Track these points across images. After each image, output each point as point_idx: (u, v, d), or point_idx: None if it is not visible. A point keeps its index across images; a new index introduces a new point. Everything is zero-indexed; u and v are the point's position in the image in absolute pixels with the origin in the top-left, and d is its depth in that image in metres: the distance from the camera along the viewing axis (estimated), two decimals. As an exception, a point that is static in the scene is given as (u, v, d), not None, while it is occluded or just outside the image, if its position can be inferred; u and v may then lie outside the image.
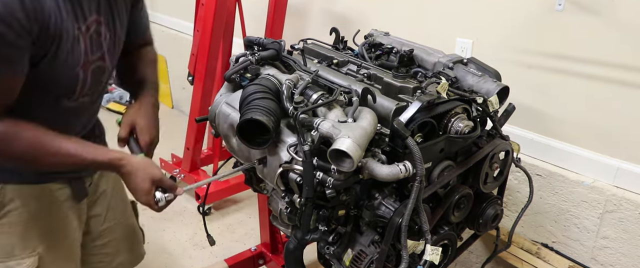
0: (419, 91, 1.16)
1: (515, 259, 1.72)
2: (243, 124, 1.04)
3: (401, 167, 1.00)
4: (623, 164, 1.54)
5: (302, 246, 1.15)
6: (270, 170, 1.14)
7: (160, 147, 1.32)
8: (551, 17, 1.60)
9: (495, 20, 1.78)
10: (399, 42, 1.49)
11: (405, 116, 1.05)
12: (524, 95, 1.74)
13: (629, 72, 1.46)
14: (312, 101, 1.10)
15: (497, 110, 1.27)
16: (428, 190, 1.13)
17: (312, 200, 1.04)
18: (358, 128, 0.98)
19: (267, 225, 2.06)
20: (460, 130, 1.13)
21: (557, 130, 1.70)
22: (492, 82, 1.29)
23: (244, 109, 1.07)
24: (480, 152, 1.23)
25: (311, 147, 1.00)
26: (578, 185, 1.63)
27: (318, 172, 1.02)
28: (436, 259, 1.09)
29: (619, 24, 1.45)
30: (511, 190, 1.83)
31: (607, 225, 1.59)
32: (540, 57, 1.68)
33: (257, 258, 2.14)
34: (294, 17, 2.68)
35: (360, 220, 1.16)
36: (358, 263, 1.14)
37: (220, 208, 2.83)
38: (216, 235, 1.78)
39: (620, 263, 1.59)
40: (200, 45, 2.60)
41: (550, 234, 1.76)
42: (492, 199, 1.34)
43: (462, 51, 1.89)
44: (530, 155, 1.77)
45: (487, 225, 1.34)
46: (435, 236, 1.20)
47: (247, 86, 1.15)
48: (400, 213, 1.06)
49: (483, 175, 1.27)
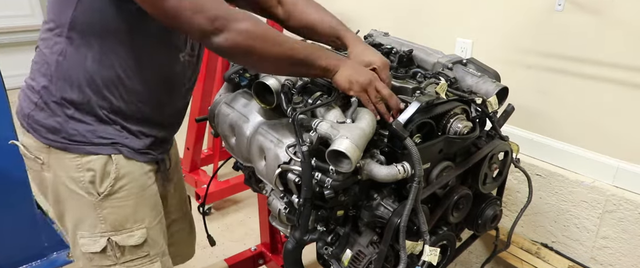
0: (418, 92, 1.16)
1: (515, 259, 1.72)
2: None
3: (400, 168, 1.01)
4: (623, 164, 1.54)
5: (300, 246, 1.15)
6: (269, 171, 1.14)
7: (159, 148, 1.31)
8: (551, 17, 1.60)
9: (495, 20, 1.78)
10: (398, 42, 1.49)
11: (404, 117, 1.05)
12: (523, 96, 1.74)
13: (629, 72, 1.46)
14: (311, 102, 1.10)
15: (496, 111, 1.27)
16: (427, 190, 1.13)
17: (311, 200, 1.04)
18: (356, 129, 0.98)
19: (267, 225, 2.07)
20: (459, 130, 1.13)
21: (556, 130, 1.70)
22: (491, 83, 1.29)
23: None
24: (480, 153, 1.23)
25: (310, 147, 1.00)
26: (578, 185, 1.63)
27: (317, 173, 1.02)
28: (435, 260, 1.09)
29: (619, 24, 1.45)
30: (511, 190, 1.83)
31: (606, 225, 1.59)
32: (540, 57, 1.68)
33: (257, 258, 2.14)
34: (294, 17, 2.68)
35: (358, 221, 1.16)
36: (357, 264, 1.14)
37: (220, 208, 2.83)
38: (216, 235, 1.78)
39: (620, 263, 1.59)
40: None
41: (550, 234, 1.76)
42: (492, 200, 1.34)
43: (462, 51, 1.89)
44: (529, 155, 1.77)
45: (487, 226, 1.34)
46: (434, 236, 1.20)
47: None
48: (399, 213, 1.06)
49: (482, 175, 1.27)
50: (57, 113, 1.06)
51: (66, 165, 1.09)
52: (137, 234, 1.17)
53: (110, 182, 1.11)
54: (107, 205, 1.12)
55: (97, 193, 1.11)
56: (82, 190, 1.10)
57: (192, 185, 2.81)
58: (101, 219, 1.13)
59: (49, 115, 1.06)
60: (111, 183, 1.11)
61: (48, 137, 1.07)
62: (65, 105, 1.05)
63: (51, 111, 1.06)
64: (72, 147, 1.07)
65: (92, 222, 1.13)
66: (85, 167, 1.09)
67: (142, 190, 1.17)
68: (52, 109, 1.06)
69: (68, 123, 1.06)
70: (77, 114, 1.06)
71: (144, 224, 1.18)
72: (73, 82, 1.04)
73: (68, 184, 1.10)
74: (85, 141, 1.08)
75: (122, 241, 1.15)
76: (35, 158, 1.12)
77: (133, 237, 1.17)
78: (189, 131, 2.78)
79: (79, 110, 1.06)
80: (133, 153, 1.14)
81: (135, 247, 1.18)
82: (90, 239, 1.14)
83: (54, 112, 1.06)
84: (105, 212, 1.13)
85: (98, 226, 1.13)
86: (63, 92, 1.05)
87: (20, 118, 1.12)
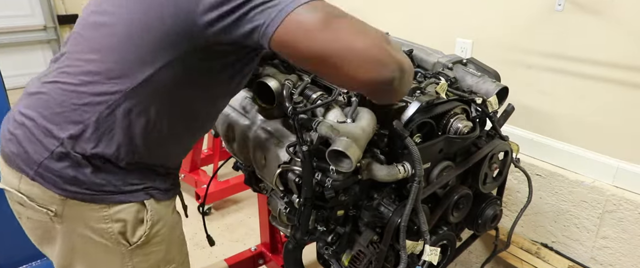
0: (418, 91, 1.16)
1: (515, 259, 1.72)
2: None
3: (400, 168, 1.01)
4: (622, 164, 1.54)
5: (301, 246, 1.15)
6: (269, 171, 1.14)
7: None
8: (551, 17, 1.60)
9: (495, 20, 1.78)
10: (398, 42, 1.49)
11: (404, 116, 1.05)
12: (523, 96, 1.74)
13: (628, 72, 1.46)
14: (311, 101, 1.10)
15: (496, 111, 1.27)
16: (427, 190, 1.13)
17: (311, 200, 1.04)
18: (357, 128, 0.98)
19: (267, 225, 2.07)
20: (459, 130, 1.13)
21: (556, 130, 1.70)
22: (491, 83, 1.29)
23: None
24: (480, 153, 1.23)
25: (310, 147, 1.00)
26: (578, 185, 1.63)
27: (317, 173, 1.02)
28: (435, 259, 1.09)
29: (619, 24, 1.45)
30: (511, 190, 1.83)
31: (606, 225, 1.59)
32: (540, 57, 1.68)
33: (257, 258, 2.14)
34: (294, 17, 2.68)
35: (359, 221, 1.16)
36: (357, 264, 1.14)
37: (220, 208, 2.83)
38: (216, 235, 1.78)
39: (620, 263, 1.59)
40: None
41: (550, 234, 1.76)
42: (492, 199, 1.34)
43: (462, 51, 1.89)
44: (529, 155, 1.77)
45: (487, 226, 1.34)
46: (434, 236, 1.20)
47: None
48: (399, 213, 1.06)
49: (482, 175, 1.27)
50: (82, 165, 0.91)
51: (87, 217, 0.95)
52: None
53: (144, 231, 0.98)
54: (138, 253, 1.00)
55: (128, 243, 0.98)
56: (108, 241, 0.97)
57: (192, 185, 2.81)
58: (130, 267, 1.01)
59: (71, 166, 0.91)
60: (146, 233, 0.99)
61: (66, 188, 0.92)
62: (94, 158, 0.92)
63: (74, 163, 0.91)
64: (99, 198, 0.94)
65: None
66: (113, 217, 0.95)
67: (173, 230, 1.07)
68: (77, 160, 0.91)
69: (95, 175, 0.92)
70: (107, 166, 0.93)
71: (173, 264, 1.09)
72: (112, 139, 0.91)
73: (90, 235, 0.96)
74: (115, 190, 0.94)
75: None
76: (44, 211, 0.95)
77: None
78: (189, 131, 2.78)
79: (108, 162, 0.93)
80: (162, 194, 1.02)
81: None
82: None
83: (79, 164, 0.91)
84: (135, 260, 1.00)
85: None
86: (97, 147, 0.91)
87: (21, 162, 0.94)
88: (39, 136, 0.92)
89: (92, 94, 0.89)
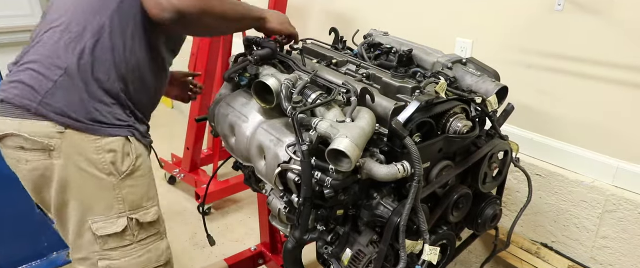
0: (418, 91, 1.16)
1: (514, 259, 1.72)
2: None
3: (399, 167, 1.01)
4: (622, 164, 1.54)
5: (300, 246, 1.15)
6: (269, 170, 1.14)
7: (160, 147, 1.33)
8: (551, 17, 1.60)
9: (495, 20, 1.78)
10: (398, 42, 1.49)
11: (404, 116, 1.05)
12: (523, 95, 1.74)
13: (628, 72, 1.46)
14: (311, 101, 1.10)
15: (496, 110, 1.27)
16: (427, 190, 1.13)
17: (311, 200, 1.04)
18: (356, 128, 0.98)
19: (267, 225, 2.07)
20: (459, 130, 1.13)
21: (556, 130, 1.70)
22: (491, 82, 1.29)
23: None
24: (479, 152, 1.23)
25: (310, 147, 1.00)
26: (578, 185, 1.63)
27: (316, 172, 1.02)
28: (435, 259, 1.09)
29: (619, 24, 1.45)
30: (511, 190, 1.83)
31: (606, 225, 1.59)
32: (540, 57, 1.68)
33: (257, 258, 2.14)
34: (294, 17, 2.67)
35: (358, 220, 1.16)
36: (356, 263, 1.14)
37: (220, 208, 2.84)
38: (216, 235, 1.78)
39: (620, 263, 1.59)
40: (200, 45, 2.61)
41: (550, 234, 1.76)
42: (491, 199, 1.34)
43: (462, 51, 1.89)
44: (529, 155, 1.77)
45: (486, 225, 1.34)
46: (434, 236, 1.20)
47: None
48: (399, 213, 1.06)
49: (482, 175, 1.27)
50: (82, 88, 1.09)
51: (83, 148, 1.11)
52: (152, 211, 1.23)
53: (131, 162, 1.17)
54: (127, 185, 1.17)
55: (118, 173, 1.15)
56: (101, 172, 1.13)
57: (192, 185, 2.81)
58: (120, 200, 1.16)
59: (73, 91, 1.08)
60: (133, 163, 1.17)
61: (68, 114, 1.08)
62: (92, 82, 1.10)
63: (76, 87, 1.08)
64: (93, 129, 1.11)
65: (107, 204, 1.15)
66: (105, 148, 1.12)
67: (150, 170, 1.25)
68: (78, 85, 1.09)
69: (90, 102, 1.10)
70: (100, 93, 1.11)
71: (155, 202, 1.25)
72: (103, 63, 1.10)
73: (84, 167, 1.11)
74: (107, 122, 1.13)
75: (141, 218, 1.20)
76: (42, 147, 1.09)
77: (149, 214, 1.22)
78: (189, 131, 2.78)
79: (101, 88, 1.11)
80: (141, 136, 1.21)
81: (151, 224, 1.23)
82: (107, 222, 1.16)
83: (79, 88, 1.09)
84: (124, 192, 1.17)
85: (115, 207, 1.16)
86: (94, 70, 1.10)
87: (26, 104, 1.08)
88: (43, 71, 1.08)
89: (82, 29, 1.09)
